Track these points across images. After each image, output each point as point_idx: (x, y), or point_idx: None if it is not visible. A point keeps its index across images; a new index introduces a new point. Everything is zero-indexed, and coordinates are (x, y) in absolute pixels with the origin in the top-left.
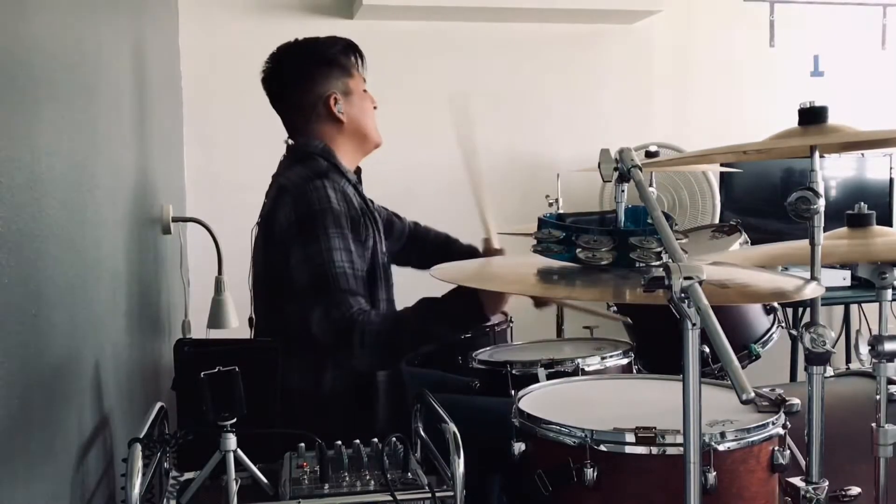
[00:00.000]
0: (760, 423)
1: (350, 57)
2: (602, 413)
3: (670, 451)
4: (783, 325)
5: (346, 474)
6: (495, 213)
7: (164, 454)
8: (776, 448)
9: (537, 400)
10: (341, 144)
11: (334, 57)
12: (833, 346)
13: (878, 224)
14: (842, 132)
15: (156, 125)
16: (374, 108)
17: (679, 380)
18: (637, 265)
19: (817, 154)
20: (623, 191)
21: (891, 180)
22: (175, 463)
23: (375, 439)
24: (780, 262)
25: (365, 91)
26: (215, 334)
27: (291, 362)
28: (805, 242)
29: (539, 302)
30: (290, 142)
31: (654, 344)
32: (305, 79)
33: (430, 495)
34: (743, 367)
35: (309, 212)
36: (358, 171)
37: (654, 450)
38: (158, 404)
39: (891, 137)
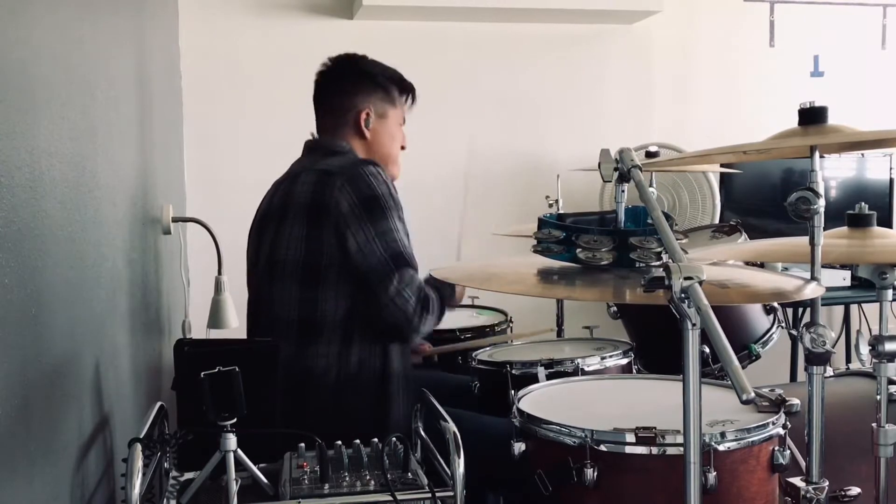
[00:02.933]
0: (760, 423)
1: (401, 94)
2: (602, 413)
3: (670, 451)
4: (783, 325)
5: (346, 474)
6: (496, 214)
7: (164, 454)
8: (776, 448)
9: (537, 400)
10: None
11: (384, 83)
12: (833, 346)
13: (878, 224)
14: (842, 132)
15: (156, 125)
16: (403, 147)
17: (679, 380)
18: (637, 265)
19: (817, 154)
20: (623, 191)
21: (891, 180)
22: (175, 463)
23: (375, 439)
24: (766, 259)
25: (401, 126)
26: (215, 334)
27: (347, 347)
28: (796, 240)
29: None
30: (313, 136)
31: (654, 344)
32: (349, 87)
33: (430, 495)
34: (743, 367)
35: (372, 194)
36: None
37: (654, 450)
38: (158, 404)
39: (891, 137)
